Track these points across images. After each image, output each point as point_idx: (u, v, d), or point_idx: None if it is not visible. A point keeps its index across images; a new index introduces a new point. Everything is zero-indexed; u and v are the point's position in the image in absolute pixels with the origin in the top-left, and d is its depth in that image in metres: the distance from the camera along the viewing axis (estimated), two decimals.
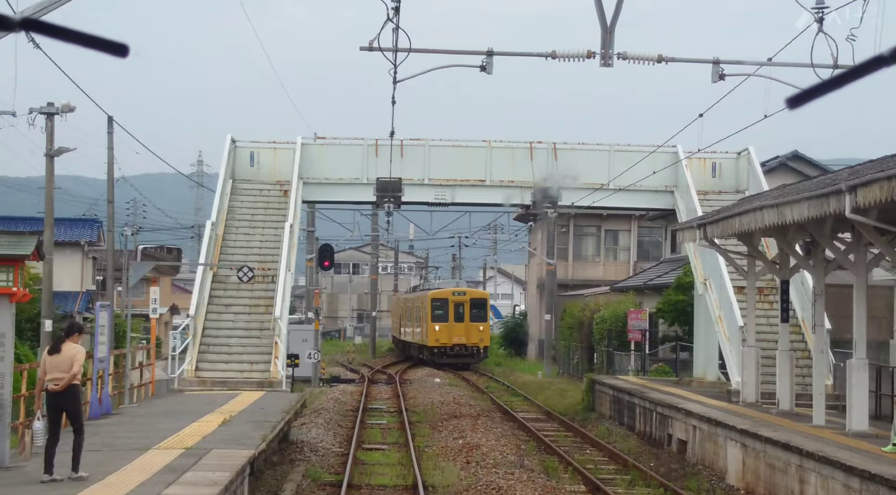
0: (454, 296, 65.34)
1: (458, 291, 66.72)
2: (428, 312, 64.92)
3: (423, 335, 66.67)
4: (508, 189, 37.43)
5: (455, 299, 65.00)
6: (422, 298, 68.14)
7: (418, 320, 68.69)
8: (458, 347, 64.43)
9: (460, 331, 64.32)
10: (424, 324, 65.86)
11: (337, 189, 37.53)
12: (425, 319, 65.55)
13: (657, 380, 38.74)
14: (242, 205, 36.58)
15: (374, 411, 40.43)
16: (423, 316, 66.25)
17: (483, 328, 65.03)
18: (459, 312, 64.68)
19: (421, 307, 67.76)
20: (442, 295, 66.05)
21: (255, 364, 31.57)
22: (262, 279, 34.17)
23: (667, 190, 37.15)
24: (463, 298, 65.45)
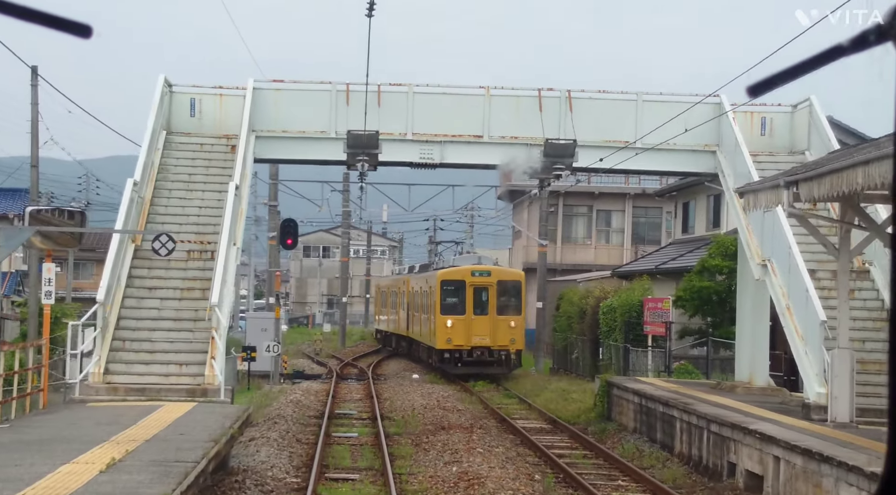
0: (474, 276, 44.59)
1: (479, 270, 45.22)
2: (436, 300, 44.57)
3: (429, 332, 46.41)
4: (511, 147, 29.42)
5: (475, 281, 44.51)
6: (427, 280, 47.76)
7: (421, 311, 48.80)
8: (480, 351, 43.76)
9: (483, 327, 43.88)
10: (431, 318, 45.57)
11: (298, 144, 29.40)
12: (432, 310, 45.26)
13: (688, 383, 30.90)
14: (178, 164, 28.42)
15: (342, 418, 32.44)
16: (430, 305, 46.09)
17: (515, 323, 44.09)
18: (482, 300, 44.50)
19: (426, 292, 47.40)
20: (456, 275, 45.05)
21: (186, 365, 23.48)
22: (200, 255, 26.08)
23: (706, 149, 29.23)
24: (487, 280, 44.58)
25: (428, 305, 46.61)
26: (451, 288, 44.66)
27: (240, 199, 26.90)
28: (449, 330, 43.85)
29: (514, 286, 45.14)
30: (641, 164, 29.25)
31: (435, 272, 46.68)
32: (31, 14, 2.18)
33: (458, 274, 44.96)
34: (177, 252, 25.74)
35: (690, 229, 46.30)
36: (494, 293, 44.36)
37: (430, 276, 46.95)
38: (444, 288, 44.65)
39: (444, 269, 46.45)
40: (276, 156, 29.82)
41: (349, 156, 28.82)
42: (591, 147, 29.06)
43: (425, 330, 47.64)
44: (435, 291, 44.82)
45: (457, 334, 43.83)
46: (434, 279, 45.58)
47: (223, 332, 23.81)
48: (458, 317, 44.09)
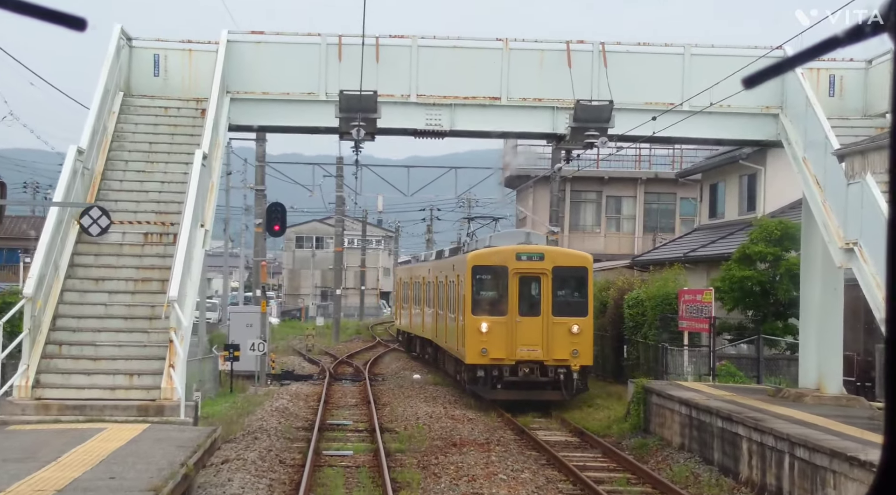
0: (521, 260, 30.65)
1: (528, 251, 31.10)
2: (466, 294, 31.20)
3: (456, 339, 33.26)
4: (534, 111, 24.40)
5: (522, 268, 30.58)
6: (454, 267, 34.49)
7: (447, 308, 35.72)
8: (529, 368, 30.36)
9: (532, 334, 30.26)
10: (459, 319, 32.49)
11: (281, 108, 24.30)
12: (460, 308, 32.21)
13: (739, 389, 25.92)
14: (137, 130, 23.33)
15: (335, 430, 27.42)
16: (457, 301, 33.03)
17: (580, 329, 30.27)
18: (531, 295, 30.84)
19: (452, 283, 34.25)
20: (494, 258, 31.06)
21: (138, 376, 18.40)
22: (161, 239, 21.02)
23: (766, 112, 24.17)
24: (539, 266, 30.64)
25: (455, 301, 33.01)
26: (488, 277, 30.74)
27: (209, 171, 21.84)
28: (484, 337, 29.91)
29: (578, 275, 30.68)
30: (689, 131, 24.22)
31: (464, 256, 32.30)
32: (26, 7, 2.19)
33: (498, 257, 30.48)
34: (133, 234, 20.75)
35: (719, 214, 41.31)
36: (549, 285, 30.11)
37: (459, 261, 33.09)
38: (476, 277, 30.54)
39: (476, 251, 31.71)
40: (255, 122, 24.68)
41: (342, 121, 23.75)
42: (628, 110, 24.00)
43: (452, 335, 33.99)
44: (464, 282, 30.94)
45: (495, 343, 29.81)
46: (463, 265, 31.43)
47: (185, 334, 18.73)
48: (498, 320, 29.90)
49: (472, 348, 30.39)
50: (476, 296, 30.75)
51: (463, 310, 31.28)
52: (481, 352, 30.11)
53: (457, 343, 32.90)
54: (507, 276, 30.36)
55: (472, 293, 30.69)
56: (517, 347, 30.04)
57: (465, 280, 30.96)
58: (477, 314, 30.38)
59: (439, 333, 38.51)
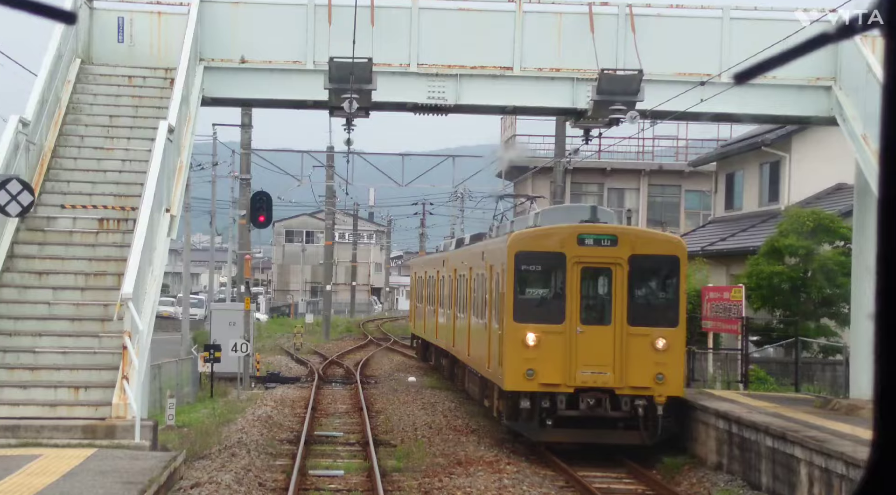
0: (583, 245, 21.47)
1: (595, 232, 21.77)
2: (506, 292, 21.79)
3: (487, 354, 24.12)
4: (552, 82, 21.15)
5: (586, 256, 21.49)
6: (488, 255, 25.00)
7: (475, 312, 26.68)
8: (594, 399, 21.43)
9: (600, 349, 21.35)
10: (495, 327, 23.17)
11: (263, 79, 21.00)
12: (496, 312, 22.96)
13: (780, 399, 22.72)
14: (96, 102, 20.00)
15: (323, 443, 24.15)
16: (489, 301, 24.06)
17: (667, 343, 21.36)
18: (598, 294, 22.11)
19: (483, 277, 25.36)
20: (546, 241, 21.81)
21: (85, 390, 15.12)
22: (119, 226, 17.74)
23: (817, 84, 20.93)
24: (610, 254, 21.48)
25: (486, 302, 24.23)
26: (536, 268, 21.75)
27: (177, 149, 18.55)
28: (530, 353, 21.09)
29: (666, 267, 21.81)
30: (727, 106, 20.95)
31: (502, 239, 23.34)
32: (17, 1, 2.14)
33: (551, 240, 21.53)
34: (86, 220, 17.47)
35: (736, 206, 38.15)
36: (625, 280, 21.31)
37: (493, 249, 24.11)
38: (521, 268, 21.50)
39: (520, 233, 22.56)
40: (232, 94, 21.33)
41: (332, 94, 20.47)
42: (658, 81, 20.77)
43: (480, 348, 25.01)
44: (503, 275, 21.95)
45: (546, 362, 21.05)
46: (501, 253, 22.42)
47: (144, 340, 15.46)
48: (550, 329, 21.15)
49: (513, 368, 21.01)
50: (520, 294, 21.36)
51: (501, 314, 21.69)
52: (526, 374, 20.80)
53: (488, 359, 23.45)
54: (565, 268, 21.06)
55: (515, 291, 21.29)
56: (577, 368, 20.91)
57: (505, 273, 21.52)
58: (521, 320, 20.99)
59: (459, 343, 29.79)
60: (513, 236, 22.20)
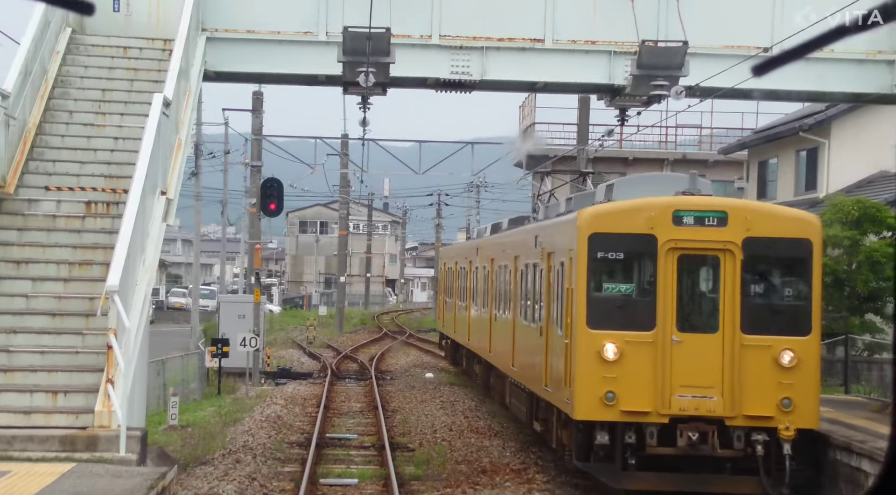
0: (681, 224, 15.77)
1: (698, 207, 15.87)
2: (575, 287, 16.24)
3: (544, 367, 18.41)
4: (586, 56, 19.17)
5: (684, 239, 15.81)
6: (540, 240, 19.35)
7: (526, 314, 20.81)
8: (696, 431, 15.61)
9: (702, 365, 15.78)
10: (551, 331, 18.09)
11: (270, 51, 19.07)
12: (558, 312, 17.46)
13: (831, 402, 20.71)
14: (88, 75, 18.11)
15: (336, 446, 22.24)
16: (548, 299, 18.36)
17: (796, 357, 15.61)
18: (700, 291, 16.59)
19: (534, 269, 19.87)
20: (631, 220, 15.98)
21: (65, 395, 13.21)
22: (109, 209, 15.85)
23: (879, 58, 18.91)
24: (717, 236, 15.75)
25: (544, 301, 18.68)
26: (617, 256, 16.31)
27: (174, 125, 16.65)
28: (610, 369, 15.86)
29: (793, 255, 16.36)
30: (779, 82, 18.92)
31: (570, 217, 17.36)
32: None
33: (638, 217, 15.98)
34: (72, 204, 15.60)
35: (770, 194, 36.09)
36: (737, 271, 15.92)
37: (557, 230, 18.45)
38: (596, 256, 16.14)
39: (596, 208, 16.89)
40: (237, 68, 19.37)
41: (346, 67, 18.54)
42: (704, 55, 18.79)
43: (534, 360, 19.45)
44: (572, 265, 16.53)
45: (631, 382, 15.83)
46: (568, 234, 16.93)
47: (133, 338, 13.56)
48: (636, 338, 15.94)
49: (586, 390, 15.68)
50: (595, 291, 15.92)
51: (568, 317, 16.45)
52: (604, 398, 15.49)
53: (545, 374, 18.16)
54: (656, 255, 15.69)
55: (589, 286, 15.87)
56: (673, 391, 15.58)
57: (574, 262, 16.15)
58: (597, 326, 15.73)
59: (499, 349, 24.17)
60: (586, 213, 16.14)
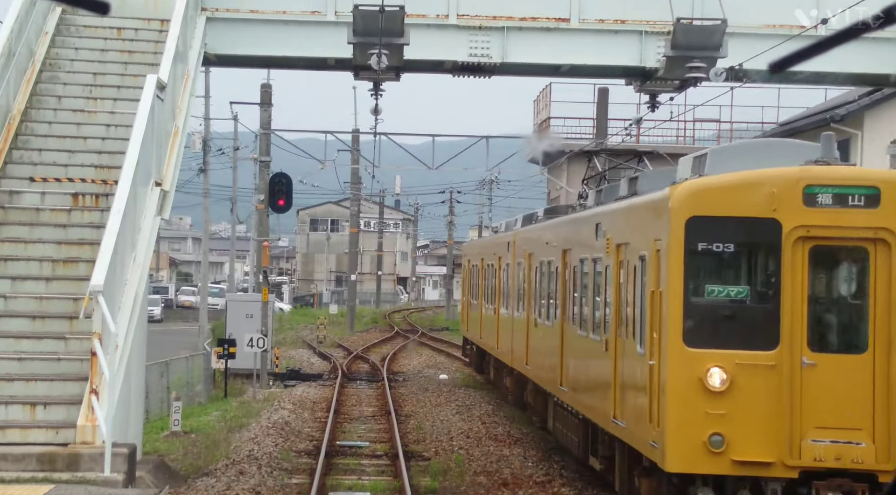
0: (816, 205, 11.42)
1: (836, 180, 11.47)
2: (669, 291, 11.56)
3: (614, 396, 13.83)
4: (615, 36, 17.73)
5: (821, 226, 11.47)
6: (616, 227, 14.30)
7: (586, 321, 15.95)
8: (840, 490, 11.12)
9: (842, 396, 11.38)
10: (637, 350, 12.74)
11: (275, 32, 17.66)
12: (638, 323, 12.81)
13: None
14: (78, 58, 16.72)
15: (346, 456, 20.79)
16: (619, 304, 13.84)
17: None
18: (839, 298, 12.18)
19: (605, 264, 14.58)
20: (743, 196, 11.53)
21: (44, 407, 11.82)
22: (97, 202, 14.45)
23: None
24: (870, 223, 11.38)
25: (613, 307, 14.20)
26: (726, 248, 11.70)
27: (171, 111, 15.24)
28: (717, 403, 11.42)
29: None
30: (822, 64, 17.45)
31: (659, 195, 12.38)
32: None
33: (754, 194, 11.61)
34: (57, 196, 14.20)
35: None
36: (893, 270, 11.52)
37: (633, 213, 13.89)
38: (697, 248, 11.65)
39: (694, 183, 12.10)
40: (240, 51, 17.94)
41: (357, 49, 17.12)
42: (744, 34, 17.35)
43: (601, 385, 14.78)
44: (661, 260, 12.00)
45: (746, 421, 11.38)
46: (654, 219, 12.52)
47: (123, 343, 12.18)
48: (752, 360, 11.49)
49: (682, 431, 11.51)
50: (694, 296, 11.78)
51: (652, 329, 12.22)
52: (708, 443, 11.35)
53: (617, 404, 13.83)
54: (779, 247, 11.66)
55: (687, 290, 11.72)
56: (805, 434, 11.52)
57: (664, 255, 11.97)
58: (697, 343, 11.62)
59: (539, 363, 20.35)
60: (683, 189, 11.81)
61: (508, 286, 25.16)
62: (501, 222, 30.82)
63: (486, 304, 29.25)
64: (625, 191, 15.46)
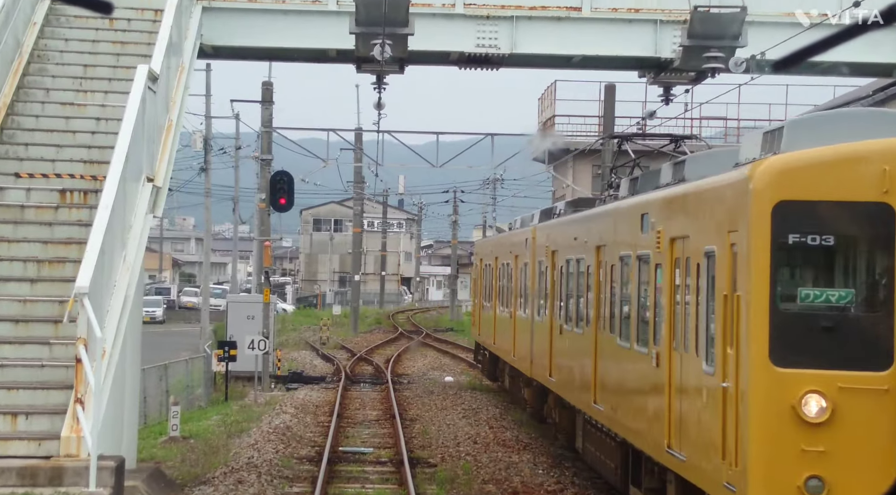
0: None
1: None
2: (751, 295, 9.25)
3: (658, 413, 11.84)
4: (629, 26, 16.98)
5: None
6: (671, 217, 11.75)
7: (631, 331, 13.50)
8: None
9: None
10: (704, 368, 10.46)
11: (274, 22, 16.91)
12: (705, 335, 10.51)
13: None
14: (67, 48, 15.97)
15: (349, 464, 19.99)
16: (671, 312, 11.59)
17: None
18: None
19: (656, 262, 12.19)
20: (847, 175, 9.17)
21: (26, 417, 11.06)
22: (86, 199, 13.68)
23: None
24: None
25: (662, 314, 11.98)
26: (823, 241, 9.28)
27: (164, 103, 14.47)
28: (816, 437, 9.11)
29: None
30: (852, 53, 16.67)
31: (733, 176, 10.03)
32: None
33: (858, 174, 9.23)
34: (43, 193, 13.43)
35: None
36: None
37: (695, 200, 11.18)
38: (787, 241, 9.26)
39: (783, 158, 9.56)
40: (237, 42, 17.19)
41: (360, 40, 16.35)
42: (763, 24, 16.58)
43: (651, 407, 12.47)
44: (736, 256, 9.73)
45: (852, 461, 9.04)
46: (727, 206, 10.07)
47: (114, 348, 11.42)
48: (859, 380, 9.17)
49: (770, 471, 9.15)
50: (783, 302, 9.38)
51: (727, 344, 9.91)
52: (804, 488, 9.03)
53: (673, 432, 11.47)
54: (893, 239, 9.25)
55: (773, 293, 9.31)
56: None
57: (740, 250, 9.69)
58: (787, 362, 9.27)
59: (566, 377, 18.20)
60: (767, 166, 9.52)
61: (527, 287, 22.71)
62: (516, 218, 28.14)
63: (500, 307, 26.98)
64: (669, 178, 13.23)
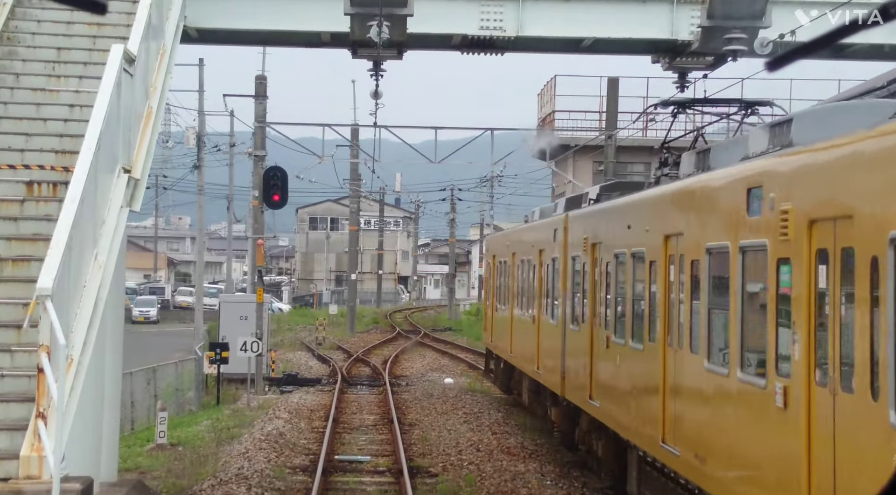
0: None
1: None
2: None
3: (768, 465, 8.65)
4: (643, 7, 15.81)
5: None
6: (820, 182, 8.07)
7: (716, 349, 10.34)
8: None
9: None
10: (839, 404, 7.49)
11: (263, 2, 15.73)
12: (847, 359, 7.41)
13: None
14: (39, 31, 14.77)
15: (345, 473, 18.81)
16: (803, 327, 8.06)
17: None
18: None
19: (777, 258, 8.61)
20: None
21: None
22: (56, 192, 12.51)
23: None
24: None
25: (798, 333, 8.31)
26: None
27: (143, 88, 13.26)
28: None
29: None
30: (875, 36, 15.52)
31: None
32: None
33: None
34: (9, 185, 12.25)
35: None
36: None
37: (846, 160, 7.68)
38: None
39: None
40: (223, 24, 15.96)
41: (355, 22, 15.15)
42: (782, 3, 15.41)
43: (776, 465, 8.65)
44: None
45: None
46: None
47: (83, 355, 10.24)
48: None
49: None
50: None
51: (862, 375, 7.28)
52: None
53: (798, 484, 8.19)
54: None
55: None
56: None
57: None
58: None
59: (616, 402, 14.72)
60: None
61: (556, 288, 19.14)
62: (533, 209, 24.45)
63: (519, 310, 23.72)
64: (764, 144, 9.82)
